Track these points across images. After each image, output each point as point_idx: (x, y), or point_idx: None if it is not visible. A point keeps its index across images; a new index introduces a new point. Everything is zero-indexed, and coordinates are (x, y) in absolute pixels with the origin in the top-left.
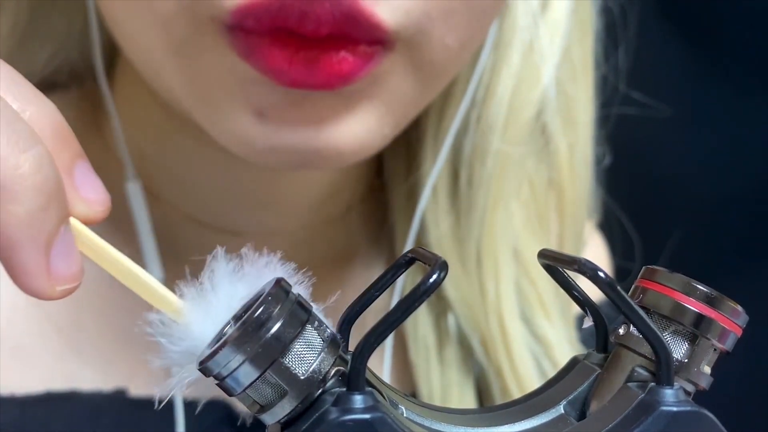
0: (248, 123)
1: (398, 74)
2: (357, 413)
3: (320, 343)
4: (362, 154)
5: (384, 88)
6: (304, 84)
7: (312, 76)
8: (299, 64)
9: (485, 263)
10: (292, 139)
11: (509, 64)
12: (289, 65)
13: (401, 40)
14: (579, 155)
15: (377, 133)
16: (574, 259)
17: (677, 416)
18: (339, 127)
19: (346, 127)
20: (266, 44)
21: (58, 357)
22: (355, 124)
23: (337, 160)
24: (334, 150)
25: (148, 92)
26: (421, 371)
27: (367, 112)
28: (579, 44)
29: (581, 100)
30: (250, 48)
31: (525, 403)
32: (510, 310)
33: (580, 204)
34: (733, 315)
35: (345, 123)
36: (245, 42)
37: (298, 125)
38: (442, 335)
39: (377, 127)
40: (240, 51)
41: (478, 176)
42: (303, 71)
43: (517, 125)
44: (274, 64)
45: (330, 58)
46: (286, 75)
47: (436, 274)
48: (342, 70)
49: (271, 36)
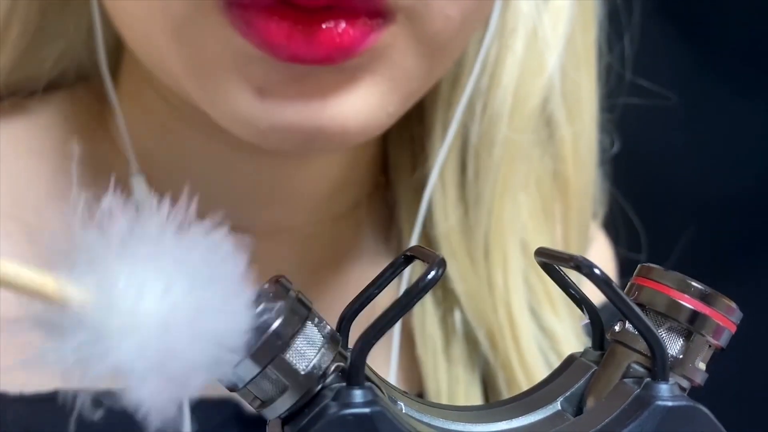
0: (249, 101)
1: (400, 48)
2: (357, 408)
3: (320, 340)
4: (367, 133)
5: (387, 63)
6: (304, 58)
7: (312, 50)
8: (298, 38)
9: (493, 255)
10: (295, 116)
11: (513, 52)
12: (288, 39)
13: (401, 10)
14: (584, 145)
15: (381, 110)
16: (570, 256)
17: (672, 411)
18: (342, 103)
19: (349, 103)
20: (264, 17)
21: None
22: (358, 99)
23: (342, 139)
24: (338, 127)
25: (152, 88)
26: (428, 369)
27: (371, 87)
28: (582, 32)
29: (585, 88)
30: (248, 22)
31: (522, 400)
32: (518, 301)
33: (585, 195)
34: (728, 312)
35: (348, 99)
36: (243, 17)
37: (300, 102)
38: (449, 332)
39: (381, 104)
40: (238, 27)
41: (486, 167)
42: (302, 45)
43: (523, 114)
44: (272, 38)
45: (330, 31)
46: (285, 49)
47: (434, 271)
48: (343, 42)
49: (269, 9)
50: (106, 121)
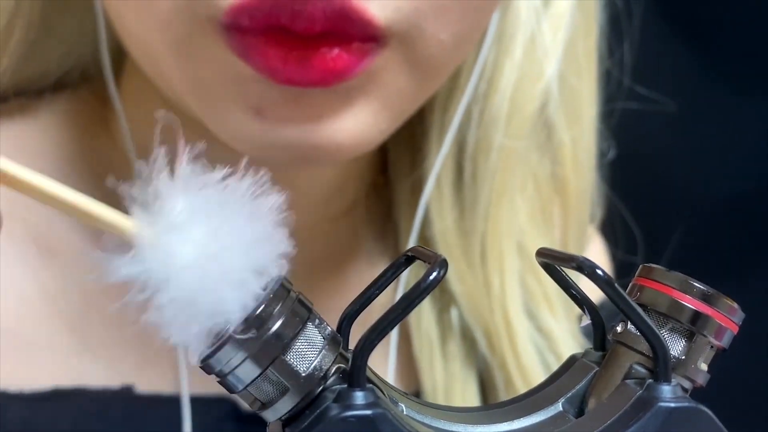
0: (247, 120)
1: (393, 70)
2: (358, 409)
3: (321, 341)
4: (360, 149)
5: (379, 84)
6: (299, 81)
7: (306, 74)
8: (293, 63)
9: (490, 257)
10: (290, 135)
11: (512, 57)
12: (283, 64)
13: (394, 36)
14: (582, 149)
15: (374, 128)
16: (572, 256)
17: (675, 412)
18: (336, 123)
19: (342, 123)
20: (261, 43)
21: (67, 353)
22: (351, 119)
23: (336, 156)
24: (331, 145)
25: (153, 91)
26: (425, 366)
27: (364, 108)
28: (583, 38)
29: (585, 94)
30: (246, 47)
31: (523, 401)
32: (514, 303)
33: (583, 198)
34: (730, 312)
35: (342, 119)
36: (241, 41)
37: (295, 122)
38: (445, 330)
39: (374, 123)
40: (237, 50)
41: (482, 170)
42: (297, 69)
43: (520, 119)
44: (269, 63)
45: (324, 55)
46: (281, 73)
47: (435, 272)
48: (336, 67)
49: (265, 35)
50: (109, 122)
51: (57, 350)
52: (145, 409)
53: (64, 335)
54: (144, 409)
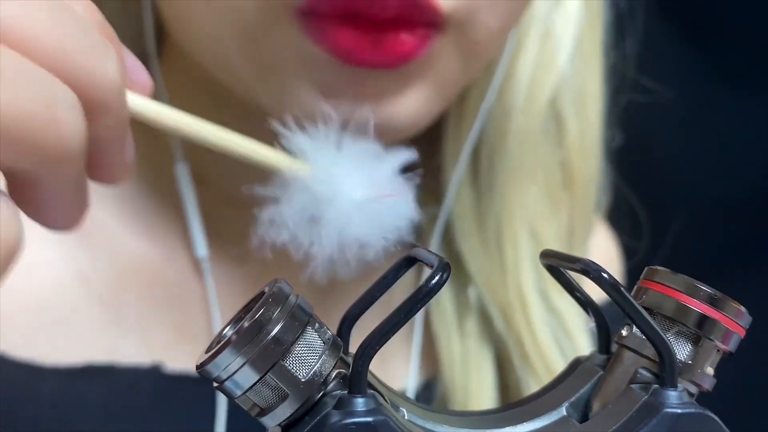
0: (313, 100)
1: (447, 55)
2: (359, 416)
3: (321, 346)
4: (413, 130)
5: (435, 68)
6: (369, 63)
7: (376, 56)
8: (365, 45)
9: (505, 237)
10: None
11: (527, 50)
12: (356, 46)
13: (452, 22)
14: (590, 138)
15: (426, 109)
16: (578, 259)
17: (681, 418)
18: (395, 104)
19: (401, 104)
20: (337, 27)
21: (100, 331)
22: (408, 101)
23: (393, 135)
24: (390, 125)
25: (193, 77)
26: (442, 341)
27: (420, 90)
28: (589, 33)
29: (592, 86)
30: (322, 31)
31: (527, 405)
32: (528, 282)
33: (590, 185)
34: (737, 316)
35: (400, 101)
36: (317, 25)
37: (359, 102)
38: (462, 307)
39: (426, 104)
40: (311, 34)
41: (499, 156)
42: (369, 51)
43: (535, 108)
44: (343, 45)
45: (392, 39)
46: (353, 55)
47: (438, 276)
48: (403, 49)
49: (341, 19)
50: None
51: (90, 328)
52: (175, 388)
53: (97, 314)
54: (174, 387)
